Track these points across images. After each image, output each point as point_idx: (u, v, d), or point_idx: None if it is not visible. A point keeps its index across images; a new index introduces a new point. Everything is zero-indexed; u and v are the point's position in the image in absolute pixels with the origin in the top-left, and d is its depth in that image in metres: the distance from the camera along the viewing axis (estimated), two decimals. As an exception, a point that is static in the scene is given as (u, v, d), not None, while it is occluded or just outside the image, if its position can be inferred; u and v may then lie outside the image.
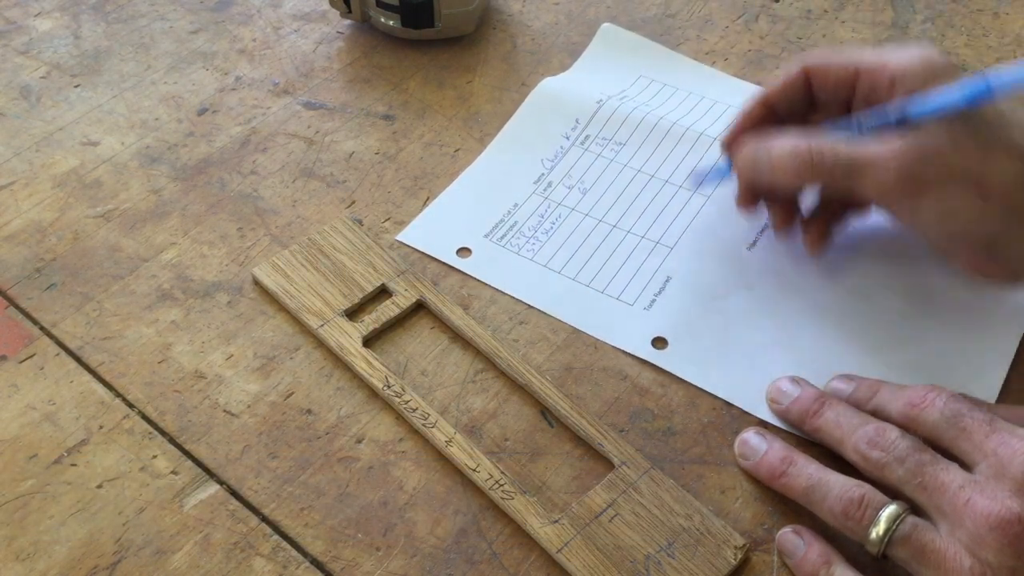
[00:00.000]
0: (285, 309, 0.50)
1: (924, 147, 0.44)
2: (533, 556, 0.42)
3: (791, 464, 0.43)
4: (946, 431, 0.40)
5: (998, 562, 0.36)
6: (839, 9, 0.67)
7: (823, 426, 0.44)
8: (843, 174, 0.46)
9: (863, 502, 0.40)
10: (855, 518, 0.40)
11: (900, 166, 0.44)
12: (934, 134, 0.44)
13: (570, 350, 0.49)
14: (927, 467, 0.39)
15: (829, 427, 0.43)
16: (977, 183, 0.44)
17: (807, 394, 0.45)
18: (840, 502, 0.40)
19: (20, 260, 0.52)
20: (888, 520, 0.39)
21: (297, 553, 0.42)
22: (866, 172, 0.45)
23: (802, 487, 0.42)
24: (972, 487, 0.38)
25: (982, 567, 0.36)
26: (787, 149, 0.47)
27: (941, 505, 0.38)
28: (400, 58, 0.64)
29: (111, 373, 0.48)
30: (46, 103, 0.60)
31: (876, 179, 0.45)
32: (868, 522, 0.39)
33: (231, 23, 0.66)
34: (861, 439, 0.41)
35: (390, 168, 0.57)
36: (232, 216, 0.55)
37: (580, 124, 0.59)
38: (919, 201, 0.45)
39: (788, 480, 0.42)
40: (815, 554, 0.41)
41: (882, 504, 0.39)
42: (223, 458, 0.45)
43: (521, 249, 0.53)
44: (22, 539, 0.42)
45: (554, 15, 0.67)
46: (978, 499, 0.37)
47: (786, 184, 0.49)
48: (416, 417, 0.46)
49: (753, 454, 0.44)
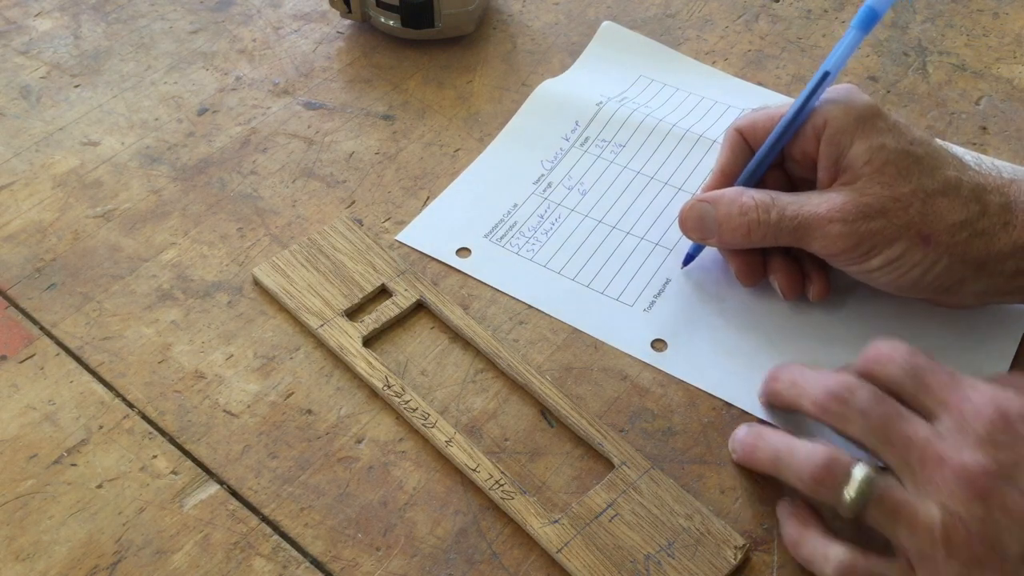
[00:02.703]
0: (285, 309, 0.50)
1: (864, 205, 0.45)
2: (533, 556, 0.42)
3: (758, 437, 0.43)
4: (907, 385, 0.40)
5: (968, 514, 0.36)
6: (839, 9, 0.67)
7: (780, 387, 0.44)
8: (789, 236, 0.47)
9: (831, 465, 0.39)
10: (824, 481, 0.39)
11: (843, 231, 0.45)
12: (872, 186, 0.45)
13: (570, 350, 0.49)
14: (891, 421, 0.39)
15: (785, 386, 0.44)
16: (920, 234, 0.45)
17: None
18: (807, 466, 0.40)
19: (20, 260, 0.52)
20: (860, 484, 0.39)
21: (297, 553, 0.42)
22: (812, 234, 0.46)
23: (769, 457, 0.42)
24: (938, 441, 0.38)
25: (953, 520, 0.37)
26: (733, 209, 0.48)
27: (908, 459, 0.39)
28: (400, 58, 0.64)
29: (111, 373, 0.48)
30: (46, 103, 0.60)
31: (822, 242, 0.46)
32: (839, 485, 0.39)
33: (231, 23, 0.66)
34: (820, 391, 0.41)
35: (390, 168, 0.57)
36: (232, 216, 0.55)
37: (580, 126, 0.59)
38: (866, 259, 0.46)
39: (756, 452, 0.43)
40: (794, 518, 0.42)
41: (848, 465, 0.39)
42: (223, 458, 0.45)
43: (521, 249, 0.53)
44: (22, 539, 0.42)
45: (554, 15, 0.67)
46: (944, 452, 0.38)
47: (737, 246, 0.49)
48: (416, 417, 0.46)
49: (735, 443, 0.45)
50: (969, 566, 0.36)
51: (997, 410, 0.38)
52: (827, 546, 0.40)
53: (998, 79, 0.62)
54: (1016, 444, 0.37)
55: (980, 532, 0.36)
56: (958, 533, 0.37)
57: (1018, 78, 0.62)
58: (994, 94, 0.62)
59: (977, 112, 0.61)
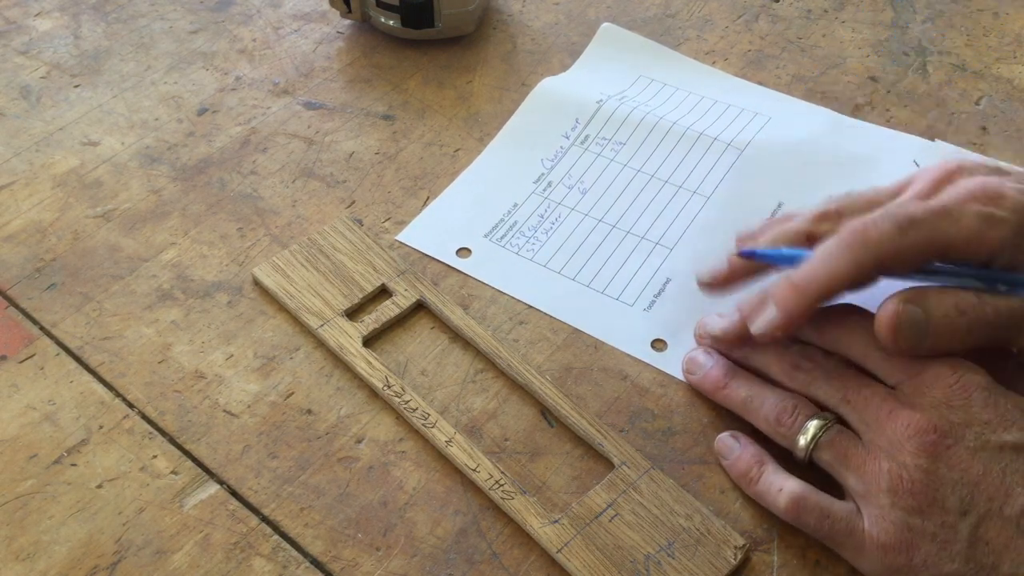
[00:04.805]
0: (285, 309, 0.50)
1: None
2: (533, 556, 0.42)
3: (732, 377, 0.46)
4: (872, 355, 0.42)
5: (914, 464, 0.39)
6: (839, 9, 0.67)
7: (752, 354, 0.46)
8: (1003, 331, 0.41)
9: (795, 411, 0.43)
10: (786, 424, 0.43)
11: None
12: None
13: (570, 350, 0.49)
14: (851, 383, 0.42)
15: (758, 354, 0.46)
16: None
17: (734, 324, 0.46)
18: (774, 410, 0.43)
19: (20, 260, 0.52)
20: (815, 428, 0.42)
21: (297, 553, 0.42)
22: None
23: (741, 398, 0.45)
24: (894, 400, 0.41)
25: (899, 468, 0.39)
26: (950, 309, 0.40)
27: (864, 416, 0.41)
28: (400, 58, 0.64)
29: (111, 373, 0.48)
30: (46, 103, 0.60)
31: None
32: (797, 429, 0.42)
33: (231, 23, 0.66)
34: (788, 359, 0.44)
35: (390, 168, 0.57)
36: (232, 216, 0.55)
37: (580, 124, 0.59)
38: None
39: (729, 392, 0.46)
40: (749, 455, 0.44)
41: (811, 413, 0.43)
42: (223, 458, 0.45)
43: (521, 249, 0.53)
44: (22, 539, 0.42)
45: (554, 15, 0.67)
46: (899, 409, 0.40)
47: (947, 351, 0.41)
48: (416, 417, 0.46)
49: (699, 369, 0.47)
50: (911, 514, 0.39)
51: (957, 379, 0.40)
52: (784, 480, 0.42)
53: (998, 79, 0.62)
54: (969, 408, 0.39)
55: (924, 483, 0.39)
56: (903, 483, 0.39)
57: (1018, 78, 0.62)
58: (994, 94, 0.62)
59: (977, 112, 0.61)
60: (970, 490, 0.38)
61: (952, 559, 0.38)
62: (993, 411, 0.39)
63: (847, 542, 0.41)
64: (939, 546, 0.38)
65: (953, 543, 0.38)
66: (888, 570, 0.39)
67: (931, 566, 0.38)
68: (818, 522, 0.41)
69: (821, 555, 0.42)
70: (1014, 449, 0.39)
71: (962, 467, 0.38)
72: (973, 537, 0.38)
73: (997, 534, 0.38)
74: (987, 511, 0.38)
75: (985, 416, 0.39)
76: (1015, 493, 0.38)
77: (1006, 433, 0.39)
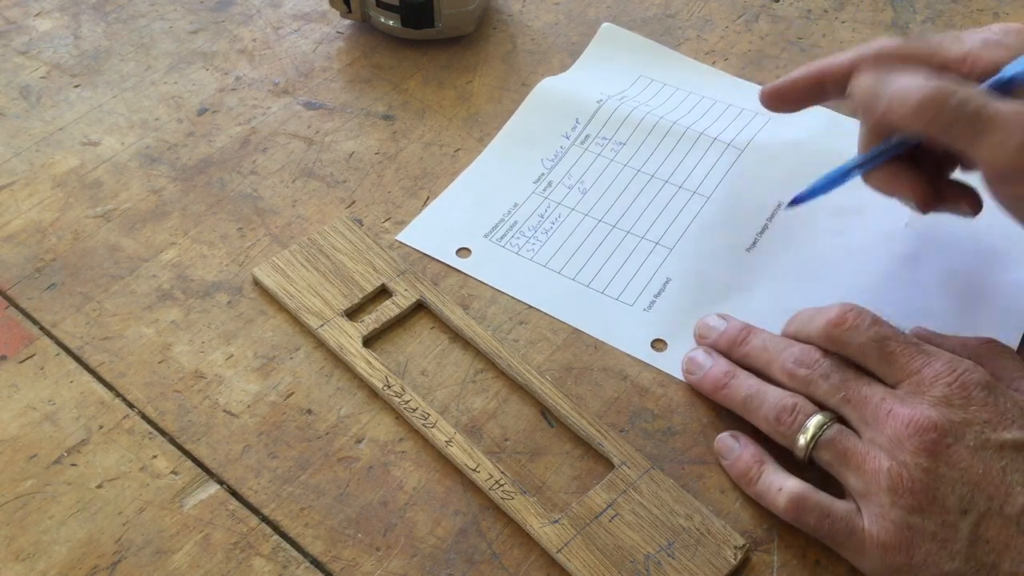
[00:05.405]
0: (285, 309, 0.50)
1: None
2: (533, 556, 0.42)
3: (733, 377, 0.46)
4: (871, 354, 0.42)
5: (914, 463, 0.39)
6: (839, 9, 0.67)
7: (751, 351, 0.46)
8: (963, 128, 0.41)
9: (795, 410, 0.43)
10: (786, 423, 0.43)
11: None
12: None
13: (570, 350, 0.49)
14: (851, 382, 0.42)
15: (757, 352, 0.46)
16: None
17: (734, 325, 0.48)
18: (774, 409, 0.43)
19: (20, 260, 0.52)
20: (815, 427, 0.42)
21: (297, 553, 0.42)
22: (989, 131, 0.40)
23: (741, 397, 0.45)
24: (893, 399, 0.41)
25: (899, 467, 0.39)
26: (912, 85, 0.41)
27: (864, 415, 0.41)
28: (400, 58, 0.64)
29: (111, 373, 0.48)
30: (46, 103, 0.60)
31: (996, 141, 0.40)
32: (797, 428, 0.42)
33: (231, 23, 0.66)
34: (788, 359, 0.44)
35: (390, 168, 0.57)
36: (232, 216, 0.55)
37: (580, 124, 0.59)
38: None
39: (729, 391, 0.45)
40: (749, 454, 0.44)
41: (811, 412, 0.43)
42: (223, 458, 0.45)
43: (521, 249, 0.53)
44: (22, 539, 0.42)
45: (554, 15, 0.67)
46: (898, 408, 0.40)
47: (900, 125, 0.43)
48: (416, 417, 0.46)
49: (699, 369, 0.47)
50: (911, 513, 0.39)
51: (956, 377, 0.40)
52: (784, 480, 0.42)
53: (998, 79, 0.62)
54: (969, 407, 0.40)
55: (924, 482, 0.39)
56: (903, 481, 0.39)
57: (1018, 78, 0.62)
58: (994, 94, 0.61)
59: (977, 112, 0.60)
60: (970, 489, 0.38)
61: (952, 558, 0.38)
62: (993, 410, 0.39)
63: (847, 541, 0.41)
64: (939, 545, 0.38)
65: (953, 542, 0.38)
66: (888, 569, 0.39)
67: (931, 565, 0.38)
68: (818, 521, 0.41)
69: (821, 555, 0.42)
70: (1014, 448, 0.39)
71: (962, 466, 0.39)
72: (973, 536, 0.38)
73: (997, 533, 0.38)
74: (987, 510, 0.38)
75: (985, 415, 0.39)
76: (1015, 492, 0.38)
77: (1006, 432, 0.39)
